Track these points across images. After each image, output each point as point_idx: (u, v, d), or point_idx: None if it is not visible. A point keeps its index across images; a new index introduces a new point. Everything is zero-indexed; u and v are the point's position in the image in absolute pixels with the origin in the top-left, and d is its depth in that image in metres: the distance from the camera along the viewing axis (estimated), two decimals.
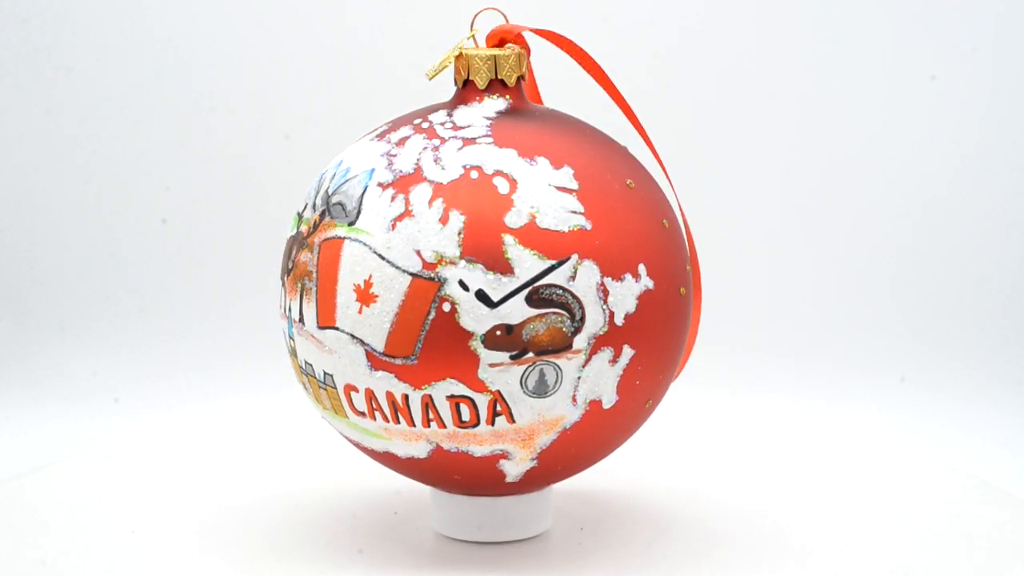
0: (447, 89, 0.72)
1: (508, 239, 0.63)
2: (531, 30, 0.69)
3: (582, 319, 0.63)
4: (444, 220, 0.63)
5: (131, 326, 1.19)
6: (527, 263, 0.63)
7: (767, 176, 1.24)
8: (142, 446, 0.92)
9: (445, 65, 0.69)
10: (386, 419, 0.66)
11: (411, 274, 0.63)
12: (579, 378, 0.64)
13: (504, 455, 0.66)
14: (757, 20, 1.24)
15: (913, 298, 1.21)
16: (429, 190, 0.64)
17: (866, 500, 0.81)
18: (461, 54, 0.69)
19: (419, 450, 0.67)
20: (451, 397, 0.64)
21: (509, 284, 0.63)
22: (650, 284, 0.65)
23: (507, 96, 0.69)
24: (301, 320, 0.67)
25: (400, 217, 0.64)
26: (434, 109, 0.70)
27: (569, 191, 0.64)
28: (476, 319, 0.63)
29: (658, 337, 0.66)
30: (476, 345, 0.63)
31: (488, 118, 0.68)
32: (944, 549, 0.73)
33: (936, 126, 1.23)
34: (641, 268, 0.65)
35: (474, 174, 0.64)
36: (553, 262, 0.63)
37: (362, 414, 0.67)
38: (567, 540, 0.73)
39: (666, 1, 1.24)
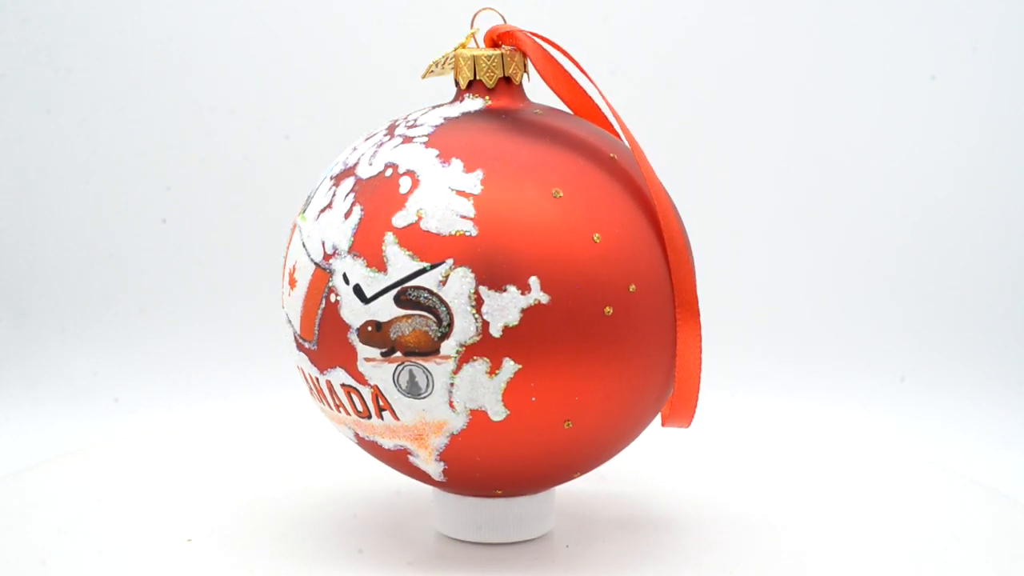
0: (447, 89, 0.72)
1: (389, 237, 0.64)
2: (518, 32, 0.69)
3: (449, 325, 0.62)
4: (348, 214, 0.65)
5: (131, 326, 1.19)
6: (400, 263, 0.63)
7: (767, 176, 1.24)
8: (142, 446, 0.92)
9: (431, 69, 0.69)
10: (322, 401, 0.69)
11: (315, 263, 0.66)
12: (452, 384, 0.63)
13: (408, 451, 0.67)
14: (757, 20, 1.24)
15: (913, 298, 1.21)
16: (350, 185, 0.66)
17: (866, 501, 0.81)
18: (454, 55, 0.70)
19: (349, 434, 0.69)
20: (344, 386, 0.66)
21: (381, 282, 0.63)
22: (543, 298, 0.62)
23: (486, 97, 0.69)
24: None
25: (324, 209, 0.67)
26: (430, 108, 0.70)
27: (466, 195, 0.64)
28: (353, 313, 0.64)
29: (560, 355, 0.63)
30: (353, 338, 0.64)
31: (447, 118, 0.68)
32: (944, 550, 0.73)
33: (936, 126, 1.23)
34: (533, 281, 0.62)
35: (388, 172, 0.65)
36: (425, 264, 0.63)
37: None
38: (569, 541, 0.73)
39: (666, 1, 1.24)
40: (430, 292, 0.62)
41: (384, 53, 1.23)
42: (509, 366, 0.63)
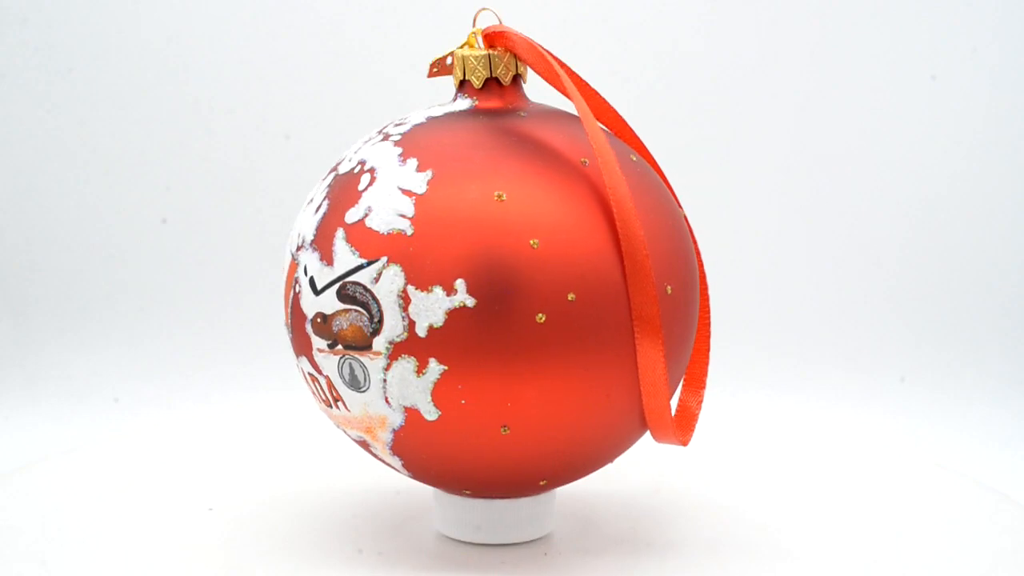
0: (447, 89, 0.72)
1: (339, 232, 0.65)
2: (509, 32, 0.68)
3: (380, 322, 0.63)
4: (318, 208, 0.67)
5: (131, 326, 1.19)
6: (344, 258, 0.64)
7: (767, 176, 1.24)
8: (142, 446, 0.92)
9: (433, 69, 0.70)
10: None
11: (291, 254, 0.68)
12: (385, 380, 0.64)
13: (367, 443, 0.68)
14: (757, 20, 1.24)
15: (913, 298, 1.21)
16: (328, 180, 0.68)
17: (866, 500, 0.81)
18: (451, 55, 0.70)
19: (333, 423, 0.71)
20: (309, 374, 0.67)
21: (328, 275, 0.64)
22: (469, 301, 0.61)
23: (475, 97, 0.69)
24: None
25: (309, 202, 0.69)
26: (426, 107, 0.71)
27: (410, 195, 0.64)
28: (308, 303, 0.66)
29: (488, 359, 0.62)
30: (308, 328, 0.66)
31: (430, 118, 0.68)
32: (944, 550, 0.73)
33: (936, 126, 1.23)
34: (460, 283, 0.61)
35: (357, 168, 0.67)
36: (363, 261, 0.63)
37: None
38: (569, 542, 0.73)
39: (666, 1, 1.24)
40: (365, 288, 0.63)
41: (384, 53, 1.23)
42: (435, 367, 0.62)
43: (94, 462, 0.88)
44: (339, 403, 0.66)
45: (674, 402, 0.72)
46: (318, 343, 0.65)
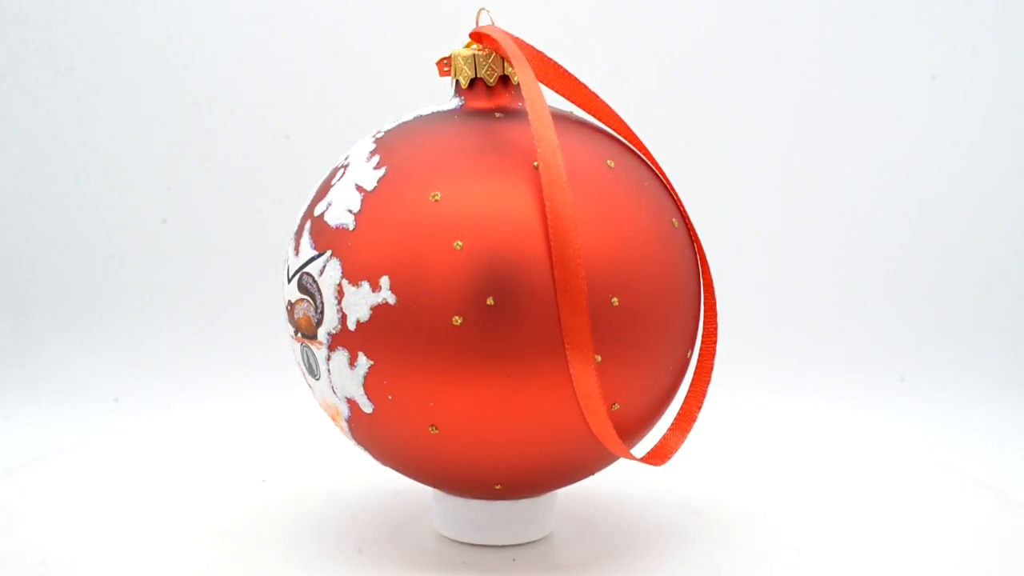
0: (446, 88, 0.72)
1: (307, 224, 0.67)
2: (495, 32, 0.68)
3: (322, 313, 0.64)
4: (306, 202, 0.69)
5: (131, 326, 1.19)
6: (304, 249, 0.66)
7: (767, 175, 1.24)
8: (142, 446, 0.92)
9: (442, 67, 0.70)
10: None
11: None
12: (329, 371, 0.65)
13: (341, 429, 0.69)
14: (757, 20, 1.24)
15: (913, 298, 1.21)
16: (324, 174, 0.70)
17: (866, 500, 0.81)
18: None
19: None
20: (298, 362, 0.69)
21: (294, 264, 0.66)
22: (391, 298, 0.62)
23: (463, 97, 0.69)
24: None
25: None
26: (426, 106, 0.71)
27: (361, 191, 0.65)
28: (286, 291, 0.68)
29: (408, 358, 0.62)
30: (285, 314, 0.68)
31: (419, 116, 0.69)
32: (944, 550, 0.73)
33: (936, 126, 1.23)
34: (384, 280, 0.62)
35: (340, 162, 0.68)
36: (315, 253, 0.65)
37: None
38: (569, 543, 0.73)
39: (666, 1, 1.24)
40: (313, 280, 0.65)
41: (385, 53, 1.23)
42: (363, 361, 0.63)
43: (94, 462, 0.88)
44: (310, 390, 0.69)
45: (660, 432, 0.71)
46: (289, 329, 0.68)
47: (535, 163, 0.64)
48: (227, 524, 0.76)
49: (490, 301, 0.61)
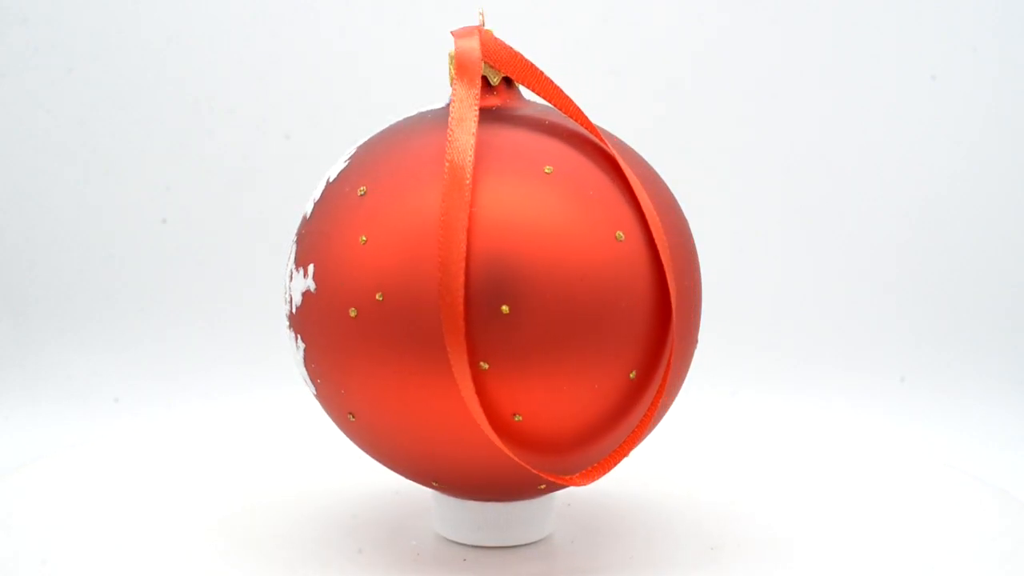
0: (444, 88, 0.72)
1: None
2: (480, 31, 0.68)
3: (289, 295, 0.67)
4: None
5: (131, 326, 1.19)
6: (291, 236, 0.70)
7: (768, 176, 1.24)
8: (141, 446, 0.92)
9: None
10: None
11: None
12: (295, 350, 0.68)
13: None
14: (758, 20, 1.24)
15: (913, 298, 1.21)
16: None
17: (866, 500, 0.81)
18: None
19: None
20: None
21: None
22: (311, 286, 0.65)
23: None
24: None
25: None
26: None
27: (326, 182, 0.68)
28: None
29: (322, 344, 0.65)
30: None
31: (413, 115, 0.70)
32: (944, 549, 0.73)
33: (936, 126, 1.23)
34: (311, 268, 0.65)
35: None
36: (294, 238, 0.69)
37: None
38: (569, 544, 0.73)
39: (666, 2, 1.24)
40: (287, 264, 0.68)
41: (385, 52, 1.23)
42: (300, 344, 0.67)
43: (94, 462, 0.88)
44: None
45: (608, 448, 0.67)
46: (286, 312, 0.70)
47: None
48: (227, 524, 0.76)
49: (379, 296, 0.62)
